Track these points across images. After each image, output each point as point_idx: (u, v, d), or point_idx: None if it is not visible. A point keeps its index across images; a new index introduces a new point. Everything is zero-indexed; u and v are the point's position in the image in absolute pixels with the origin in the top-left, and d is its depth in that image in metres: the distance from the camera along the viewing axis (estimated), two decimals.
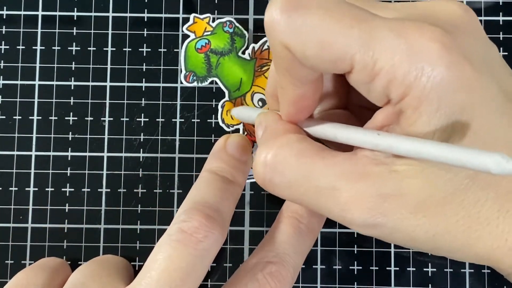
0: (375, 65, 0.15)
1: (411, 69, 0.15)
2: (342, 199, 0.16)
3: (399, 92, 0.15)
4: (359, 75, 0.15)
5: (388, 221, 0.16)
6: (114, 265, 0.25)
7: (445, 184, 0.15)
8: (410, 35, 0.15)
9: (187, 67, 0.27)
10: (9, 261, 0.27)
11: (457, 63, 0.15)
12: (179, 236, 0.19)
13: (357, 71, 0.15)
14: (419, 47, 0.15)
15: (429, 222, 0.16)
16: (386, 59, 0.15)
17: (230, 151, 0.23)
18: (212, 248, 0.20)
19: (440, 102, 0.15)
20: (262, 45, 0.27)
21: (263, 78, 0.27)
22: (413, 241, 0.16)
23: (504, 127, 0.16)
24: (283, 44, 0.16)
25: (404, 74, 0.15)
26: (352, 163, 0.16)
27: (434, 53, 0.14)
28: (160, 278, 0.18)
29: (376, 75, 0.15)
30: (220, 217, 0.20)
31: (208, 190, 0.21)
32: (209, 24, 0.27)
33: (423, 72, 0.14)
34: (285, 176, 0.17)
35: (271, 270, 0.20)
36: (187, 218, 0.20)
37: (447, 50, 0.15)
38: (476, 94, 0.15)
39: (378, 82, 0.15)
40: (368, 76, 0.15)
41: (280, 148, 0.18)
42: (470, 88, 0.15)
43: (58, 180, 0.27)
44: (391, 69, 0.15)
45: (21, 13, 0.28)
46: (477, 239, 0.16)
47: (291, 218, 0.22)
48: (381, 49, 0.15)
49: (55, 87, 0.28)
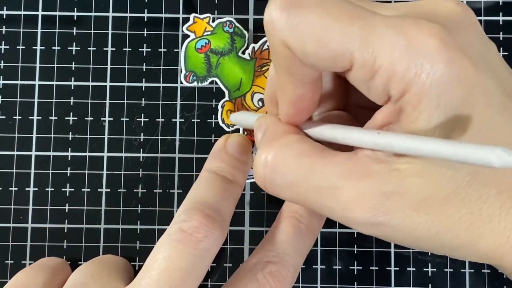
0: (374, 62, 0.15)
1: (410, 66, 0.15)
2: (344, 199, 0.16)
3: (399, 89, 0.15)
4: (359, 73, 0.15)
5: (391, 219, 0.16)
6: (114, 265, 0.25)
7: (447, 181, 0.15)
8: (409, 32, 0.15)
9: (187, 67, 0.27)
10: (9, 261, 0.27)
11: (456, 59, 0.15)
12: (179, 235, 0.19)
13: (356, 68, 0.15)
14: (418, 43, 0.15)
15: (432, 220, 0.16)
16: (386, 56, 0.15)
17: (230, 151, 0.23)
18: (212, 248, 0.20)
19: (440, 99, 0.15)
20: (262, 45, 0.27)
21: (263, 78, 0.27)
22: (416, 239, 0.16)
23: (504, 122, 0.16)
24: (283, 42, 0.16)
25: (403, 71, 0.15)
26: (353, 163, 0.16)
27: (433, 49, 0.15)
28: (160, 278, 0.18)
29: (376, 72, 0.15)
30: (220, 217, 0.20)
31: (208, 190, 0.21)
32: (209, 24, 0.27)
33: (423, 68, 0.14)
34: (285, 177, 0.17)
35: (271, 270, 0.20)
36: (187, 218, 0.20)
37: (446, 46, 0.15)
38: (475, 90, 0.15)
39: (378, 79, 0.15)
40: (368, 73, 0.15)
41: (280, 148, 0.18)
42: (469, 84, 0.15)
43: (58, 180, 0.27)
44: (390, 66, 0.15)
45: (21, 13, 0.28)
46: (479, 236, 0.16)
47: (291, 218, 0.22)
48: (380, 46, 0.15)
49: (55, 87, 0.28)
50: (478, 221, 0.16)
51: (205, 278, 0.27)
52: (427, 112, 0.15)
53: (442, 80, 0.14)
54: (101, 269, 0.24)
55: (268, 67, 0.27)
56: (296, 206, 0.22)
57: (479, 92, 0.15)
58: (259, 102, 0.27)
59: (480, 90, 0.15)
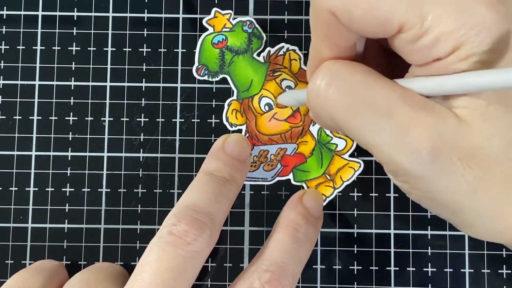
0: (423, 23, 0.15)
1: (459, 25, 0.15)
2: (401, 120, 0.16)
3: (448, 48, 0.15)
4: (406, 35, 0.16)
5: (437, 162, 0.15)
6: (110, 272, 0.24)
7: (499, 139, 0.15)
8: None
9: (200, 60, 0.27)
10: (9, 261, 0.27)
11: (506, 15, 0.15)
12: (169, 238, 0.19)
13: (405, 31, 0.15)
14: (468, 2, 0.15)
15: (474, 175, 0.15)
16: (435, 17, 0.15)
17: (229, 150, 0.23)
18: (202, 250, 0.20)
19: (488, 56, 0.15)
20: (278, 50, 0.27)
21: (274, 83, 0.27)
22: (451, 194, 0.16)
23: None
24: (330, 10, 0.16)
25: (453, 30, 0.15)
26: (412, 93, 0.16)
27: (483, 8, 0.15)
28: (151, 280, 0.18)
29: (424, 34, 0.15)
30: (211, 221, 0.20)
31: (200, 193, 0.21)
32: (229, 21, 0.27)
33: (472, 27, 0.15)
34: (344, 85, 0.17)
35: (270, 279, 0.20)
36: (176, 222, 0.20)
37: (494, 4, 0.15)
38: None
39: (425, 40, 0.15)
40: (415, 35, 0.15)
41: (342, 63, 0.17)
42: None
43: (58, 180, 0.27)
44: (440, 26, 0.15)
45: (21, 13, 0.28)
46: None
47: (289, 227, 0.22)
48: (429, 7, 0.15)
49: (55, 87, 0.28)
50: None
51: (205, 278, 0.27)
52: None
53: (492, 37, 0.15)
54: (96, 275, 0.23)
55: (280, 73, 0.27)
56: (293, 215, 0.22)
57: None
58: (266, 106, 0.27)
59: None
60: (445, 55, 0.15)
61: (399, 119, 0.16)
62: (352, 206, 0.27)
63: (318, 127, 0.27)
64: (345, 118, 0.17)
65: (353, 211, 0.27)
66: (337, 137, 0.27)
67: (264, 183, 0.27)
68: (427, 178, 0.16)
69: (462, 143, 0.15)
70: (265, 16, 0.28)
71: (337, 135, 0.27)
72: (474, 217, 0.17)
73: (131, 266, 0.27)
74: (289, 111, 0.27)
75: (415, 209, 0.27)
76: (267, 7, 0.28)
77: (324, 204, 0.27)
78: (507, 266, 0.26)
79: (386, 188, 0.27)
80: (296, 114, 0.27)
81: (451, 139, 0.15)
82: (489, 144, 0.15)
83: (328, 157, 0.27)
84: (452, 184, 0.16)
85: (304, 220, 0.22)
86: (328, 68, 0.17)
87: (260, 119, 0.27)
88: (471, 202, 0.16)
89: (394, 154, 0.16)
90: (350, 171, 0.27)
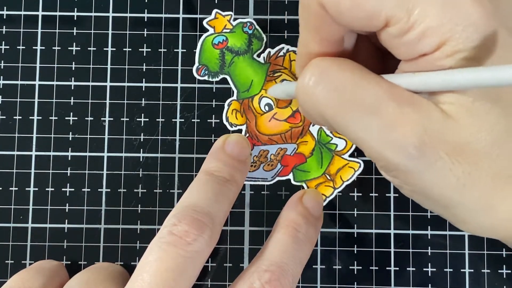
0: (409, 17, 0.15)
1: (445, 20, 0.15)
2: (387, 116, 0.16)
3: (434, 43, 0.15)
4: (392, 29, 0.16)
5: (425, 157, 0.16)
6: (110, 272, 0.24)
7: (486, 134, 0.16)
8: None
9: (201, 61, 0.27)
10: (9, 261, 0.27)
11: (491, 14, 0.15)
12: (169, 238, 0.19)
13: (391, 25, 0.16)
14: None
15: (463, 170, 0.16)
16: (421, 11, 0.15)
17: (229, 150, 0.23)
18: (202, 250, 0.20)
19: (475, 53, 0.15)
20: (278, 51, 0.27)
21: (274, 84, 0.27)
22: (440, 188, 0.16)
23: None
24: (319, 1, 0.16)
25: (439, 25, 0.15)
26: (400, 89, 0.16)
27: (469, 4, 0.15)
28: (152, 280, 0.18)
29: (410, 28, 0.15)
30: (211, 221, 0.20)
31: (200, 193, 0.21)
32: (229, 22, 0.27)
33: (459, 23, 0.15)
34: (331, 83, 0.17)
35: (270, 279, 0.20)
36: (177, 222, 0.20)
37: (481, 1, 0.15)
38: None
39: (412, 35, 0.15)
40: (402, 29, 0.15)
41: (330, 60, 0.17)
42: (508, 45, 0.15)
43: (58, 180, 0.27)
44: (426, 21, 0.15)
45: (21, 13, 0.28)
46: (502, 199, 0.16)
47: (289, 227, 0.22)
48: (416, 2, 0.15)
49: (55, 87, 0.28)
50: (504, 183, 0.16)
51: (205, 278, 0.27)
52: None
53: (478, 32, 0.15)
54: (96, 275, 0.23)
55: (280, 74, 0.27)
56: (293, 215, 0.22)
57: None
58: (266, 106, 0.27)
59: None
60: (431, 51, 0.15)
61: (386, 115, 0.16)
62: (352, 206, 0.27)
63: (318, 127, 0.27)
64: (334, 116, 0.17)
65: (353, 211, 0.27)
66: (337, 137, 0.27)
67: (264, 183, 0.27)
68: (416, 173, 0.16)
69: (449, 138, 0.16)
70: (265, 16, 0.28)
71: (337, 135, 0.27)
72: (465, 212, 0.17)
73: (131, 266, 0.27)
74: (289, 111, 0.27)
75: (415, 209, 0.27)
76: (267, 7, 0.28)
77: (324, 204, 0.27)
78: (507, 266, 0.27)
79: (386, 188, 0.27)
80: (296, 114, 0.27)
81: (438, 134, 0.16)
82: (476, 139, 0.16)
83: (328, 157, 0.27)
84: (440, 178, 0.16)
85: (304, 220, 0.22)
86: (316, 66, 0.17)
87: (260, 119, 0.27)
88: (461, 196, 0.16)
89: (383, 150, 0.16)
90: (350, 171, 0.27)
